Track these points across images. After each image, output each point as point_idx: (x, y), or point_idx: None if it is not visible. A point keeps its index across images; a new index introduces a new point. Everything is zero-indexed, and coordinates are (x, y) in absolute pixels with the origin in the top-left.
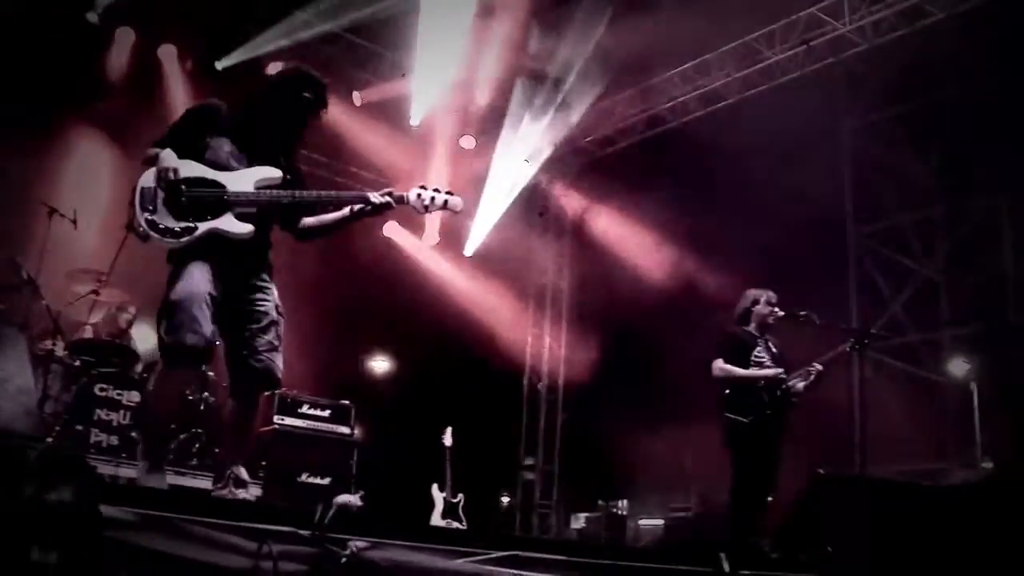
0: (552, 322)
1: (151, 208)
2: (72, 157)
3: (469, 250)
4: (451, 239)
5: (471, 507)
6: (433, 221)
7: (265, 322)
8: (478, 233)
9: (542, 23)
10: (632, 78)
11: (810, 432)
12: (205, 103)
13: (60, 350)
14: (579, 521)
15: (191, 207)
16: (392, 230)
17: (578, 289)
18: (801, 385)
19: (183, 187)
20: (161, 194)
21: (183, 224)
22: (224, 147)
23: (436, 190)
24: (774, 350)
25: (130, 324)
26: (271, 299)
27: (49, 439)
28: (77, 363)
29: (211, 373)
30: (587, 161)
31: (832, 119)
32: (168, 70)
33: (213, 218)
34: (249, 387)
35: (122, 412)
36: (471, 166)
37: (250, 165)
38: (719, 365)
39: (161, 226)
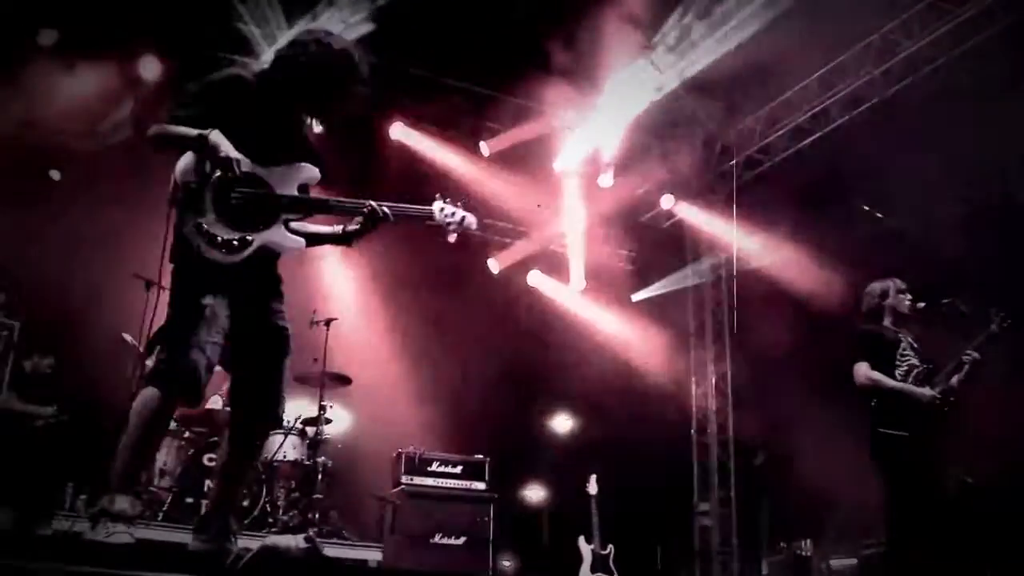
0: (716, 359)
1: (200, 212)
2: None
3: (639, 296)
4: (596, 283)
5: (630, 558)
6: (576, 265)
7: (287, 358)
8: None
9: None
10: (767, 94)
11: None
12: (234, 74)
13: (172, 423)
14: (764, 567)
15: (243, 213)
16: (536, 279)
17: (741, 322)
18: (955, 380)
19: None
20: (209, 194)
21: (238, 235)
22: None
23: (457, 204)
24: (916, 346)
25: None
26: (289, 328)
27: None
28: (187, 435)
29: (327, 435)
30: (733, 187)
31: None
32: None
33: (264, 228)
34: (259, 430)
35: None
36: (609, 204)
37: (267, 159)
38: (864, 372)
39: (219, 238)
